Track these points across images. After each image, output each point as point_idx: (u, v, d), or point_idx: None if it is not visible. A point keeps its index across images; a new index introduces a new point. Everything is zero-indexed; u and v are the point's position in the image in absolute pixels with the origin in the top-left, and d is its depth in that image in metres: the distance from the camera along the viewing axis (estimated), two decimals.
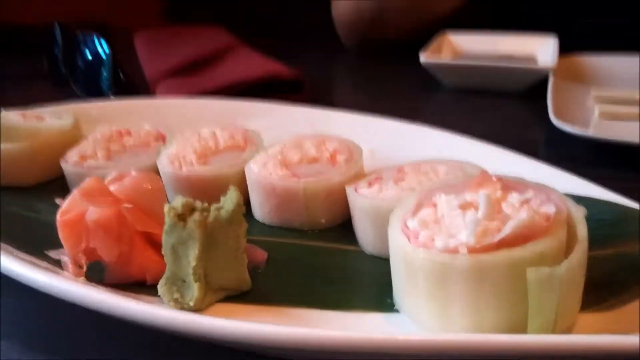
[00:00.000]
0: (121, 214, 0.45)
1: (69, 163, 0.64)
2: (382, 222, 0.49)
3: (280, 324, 0.41)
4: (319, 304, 0.45)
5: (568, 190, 0.52)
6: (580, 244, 0.38)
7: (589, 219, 0.41)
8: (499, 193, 0.42)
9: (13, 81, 1.22)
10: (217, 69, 1.00)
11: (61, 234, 0.46)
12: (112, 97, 1.02)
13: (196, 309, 0.43)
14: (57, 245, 0.49)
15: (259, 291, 0.47)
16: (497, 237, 0.37)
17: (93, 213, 0.45)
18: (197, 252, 0.42)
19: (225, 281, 0.45)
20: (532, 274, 0.36)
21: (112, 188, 0.48)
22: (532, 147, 0.83)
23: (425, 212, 0.42)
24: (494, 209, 0.40)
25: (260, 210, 0.57)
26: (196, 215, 0.42)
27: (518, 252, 0.37)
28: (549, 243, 0.38)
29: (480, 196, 0.40)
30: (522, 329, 0.37)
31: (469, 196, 0.42)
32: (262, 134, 0.66)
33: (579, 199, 0.49)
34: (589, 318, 0.41)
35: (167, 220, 0.42)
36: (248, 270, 0.46)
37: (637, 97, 0.88)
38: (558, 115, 0.79)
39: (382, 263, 0.50)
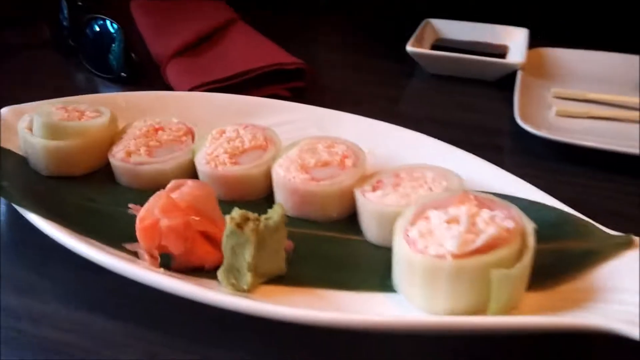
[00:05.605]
0: (187, 221, 0.58)
1: (117, 158, 0.75)
2: (385, 222, 0.64)
3: (311, 303, 0.57)
4: (336, 286, 0.60)
5: (524, 196, 0.68)
6: (529, 250, 0.54)
7: (537, 222, 0.57)
8: (474, 209, 0.57)
9: (15, 50, 1.26)
10: (223, 54, 1.09)
11: (139, 235, 0.59)
12: (122, 74, 1.10)
13: (248, 291, 0.57)
14: (122, 234, 0.63)
15: (290, 275, 0.61)
16: (472, 247, 0.53)
17: (166, 221, 0.58)
18: (252, 251, 0.56)
19: (268, 269, 0.59)
20: (495, 274, 0.51)
21: (174, 195, 0.61)
22: (499, 138, 0.98)
23: (421, 224, 0.56)
24: (471, 223, 0.55)
25: (283, 204, 0.70)
26: (251, 224, 0.56)
27: (486, 258, 0.52)
28: (508, 251, 0.53)
29: (461, 214, 0.55)
30: (484, 312, 0.53)
31: (453, 210, 0.57)
32: (277, 131, 0.79)
33: (529, 204, 0.65)
34: (533, 297, 0.57)
35: (228, 227, 0.56)
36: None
37: (591, 95, 1.03)
38: (522, 113, 0.93)
39: (383, 252, 0.65)
